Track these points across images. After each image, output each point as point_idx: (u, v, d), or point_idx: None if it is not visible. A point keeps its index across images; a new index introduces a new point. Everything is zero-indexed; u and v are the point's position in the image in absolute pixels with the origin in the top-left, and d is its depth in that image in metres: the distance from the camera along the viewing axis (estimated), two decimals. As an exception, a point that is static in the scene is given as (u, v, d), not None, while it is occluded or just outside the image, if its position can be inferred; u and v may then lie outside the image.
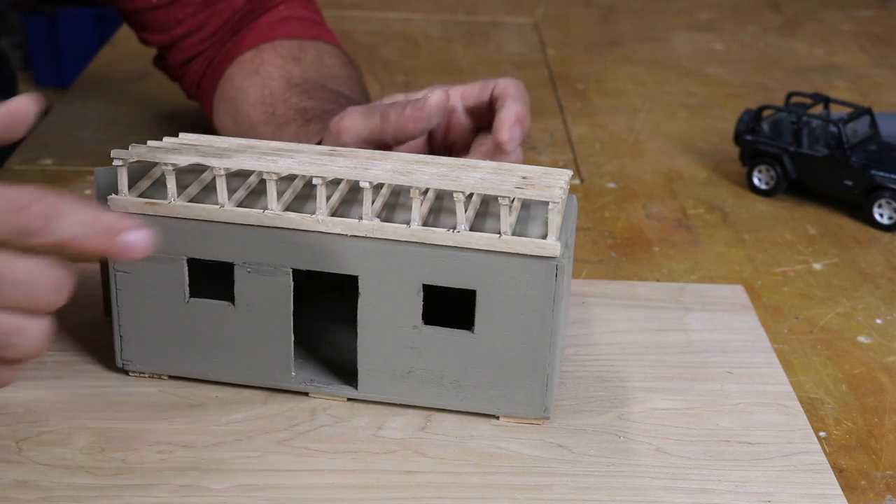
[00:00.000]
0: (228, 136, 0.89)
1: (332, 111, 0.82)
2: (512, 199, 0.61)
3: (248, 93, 0.88)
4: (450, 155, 0.76)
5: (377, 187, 0.63)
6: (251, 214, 0.61)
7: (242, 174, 0.65)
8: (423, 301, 0.61)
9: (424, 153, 0.77)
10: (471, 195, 0.62)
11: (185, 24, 0.95)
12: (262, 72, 0.89)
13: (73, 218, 0.52)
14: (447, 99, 0.70)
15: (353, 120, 0.73)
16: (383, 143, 0.72)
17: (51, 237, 0.52)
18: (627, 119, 1.16)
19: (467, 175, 0.61)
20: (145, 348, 0.65)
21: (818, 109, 0.99)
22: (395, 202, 0.63)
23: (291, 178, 0.64)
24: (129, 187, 0.62)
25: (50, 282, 0.52)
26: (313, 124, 0.82)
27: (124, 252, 0.53)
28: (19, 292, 0.51)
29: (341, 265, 0.61)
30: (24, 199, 0.51)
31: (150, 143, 0.64)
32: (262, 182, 0.63)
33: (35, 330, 0.53)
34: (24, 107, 0.54)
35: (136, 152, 0.62)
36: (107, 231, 0.52)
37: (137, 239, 0.53)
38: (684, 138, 1.12)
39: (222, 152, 0.63)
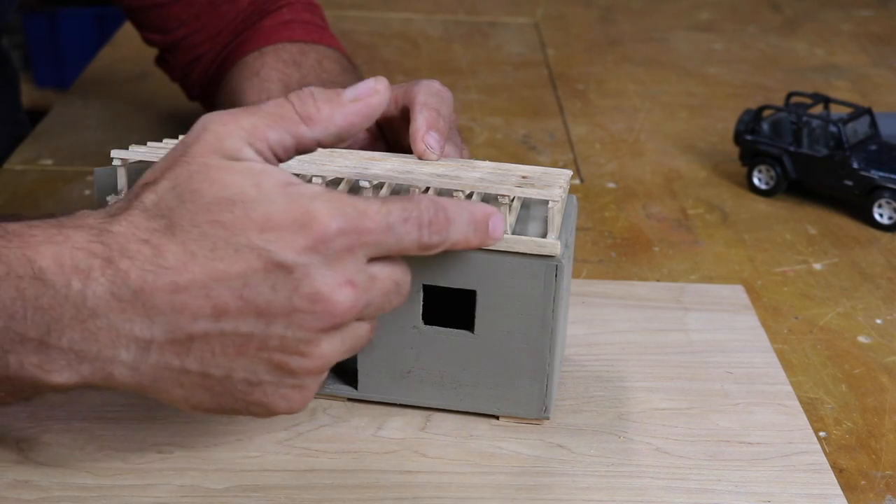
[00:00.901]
0: None
1: None
2: (512, 198, 0.61)
3: (246, 95, 0.88)
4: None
5: (377, 187, 0.63)
6: (251, 214, 0.61)
7: (242, 174, 0.65)
8: (423, 301, 0.61)
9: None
10: (471, 194, 0.62)
11: (187, 24, 0.95)
12: (262, 75, 0.89)
13: (460, 220, 0.52)
14: (384, 93, 0.68)
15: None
16: None
17: (446, 245, 0.52)
18: (627, 119, 1.16)
19: (467, 174, 0.61)
20: (145, 348, 0.65)
21: (818, 109, 0.99)
22: (395, 202, 0.63)
23: (291, 178, 0.64)
24: (129, 187, 0.62)
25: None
26: None
27: (491, 240, 0.54)
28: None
29: (341, 265, 0.61)
30: (427, 213, 0.51)
31: (150, 143, 0.64)
32: (262, 182, 0.63)
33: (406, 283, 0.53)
34: (379, 100, 0.54)
35: (136, 152, 0.62)
36: (482, 224, 0.53)
37: (499, 221, 0.54)
38: (684, 138, 1.12)
39: (222, 152, 0.63)
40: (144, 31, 0.99)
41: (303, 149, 0.53)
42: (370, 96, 0.53)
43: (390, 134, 0.73)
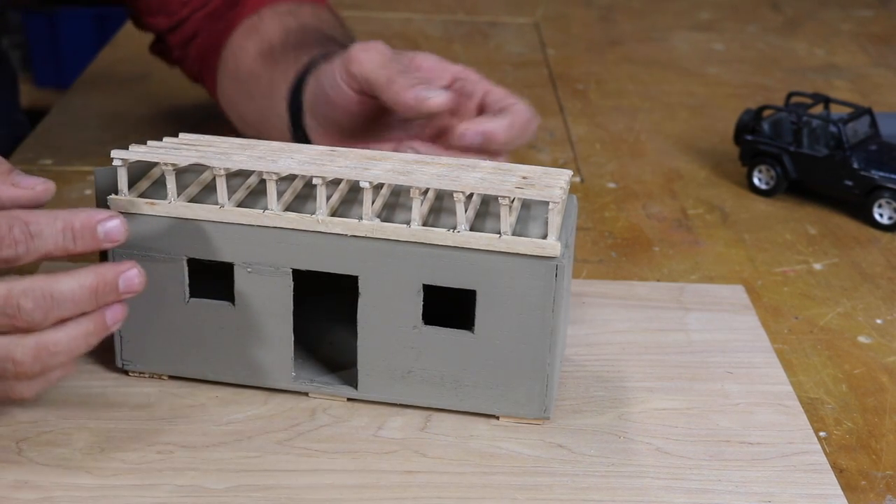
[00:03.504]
0: (234, 106, 0.89)
1: (331, 43, 0.83)
2: (512, 198, 0.61)
3: (248, 50, 0.88)
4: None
5: (377, 187, 0.63)
6: (251, 214, 0.61)
7: (242, 174, 0.65)
8: (423, 301, 0.61)
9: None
10: (471, 195, 0.62)
11: (189, 4, 0.95)
12: (262, 29, 0.89)
13: (49, 231, 0.55)
14: (449, 105, 0.68)
15: (371, 59, 0.71)
16: (374, 99, 0.72)
17: (34, 256, 0.55)
18: (627, 119, 1.16)
19: (467, 175, 0.61)
20: (145, 348, 0.65)
21: (818, 109, 0.99)
22: (395, 202, 0.63)
23: (291, 178, 0.64)
24: (129, 187, 0.62)
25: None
26: (316, 48, 0.82)
27: (107, 243, 0.56)
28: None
29: (341, 265, 0.61)
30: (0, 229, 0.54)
31: (150, 143, 0.64)
32: (262, 182, 0.63)
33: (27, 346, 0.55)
34: (31, 196, 0.58)
35: (136, 152, 0.62)
36: (83, 231, 0.55)
37: (113, 225, 0.56)
38: (684, 138, 1.12)
39: (222, 152, 0.63)
40: (146, 17, 0.99)
41: None
42: (25, 189, 0.58)
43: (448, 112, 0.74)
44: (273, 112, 0.82)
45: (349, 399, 0.65)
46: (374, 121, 0.75)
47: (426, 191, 0.62)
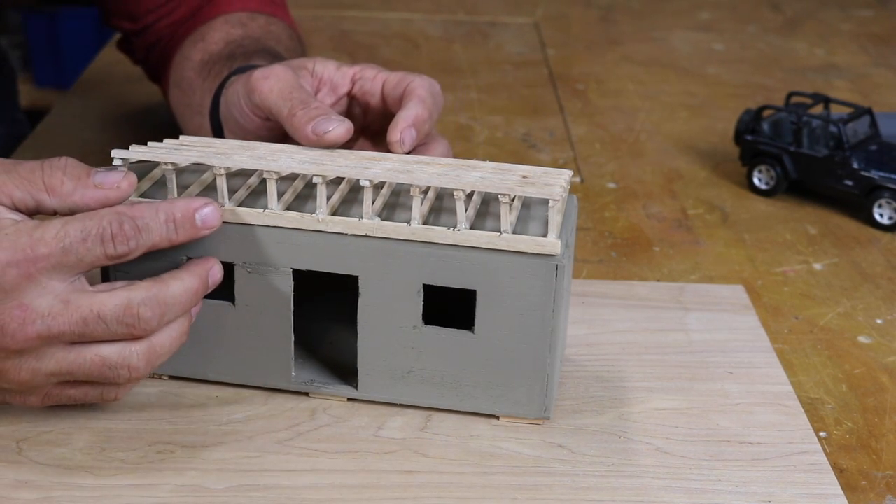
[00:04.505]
0: (178, 115, 0.89)
1: (259, 56, 0.82)
2: (512, 197, 0.61)
3: (192, 60, 0.88)
4: (363, 136, 0.76)
5: (377, 186, 0.63)
6: (251, 214, 0.61)
7: (243, 174, 0.65)
8: (423, 301, 0.61)
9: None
10: (471, 194, 0.62)
11: (155, 12, 0.96)
12: (207, 38, 0.89)
13: (154, 223, 0.57)
14: (347, 136, 0.66)
15: (271, 88, 0.69)
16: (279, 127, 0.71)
17: (143, 250, 0.57)
18: (627, 119, 1.16)
19: (467, 174, 0.61)
20: (145, 348, 0.65)
21: (818, 109, 0.99)
22: (395, 201, 0.63)
23: (292, 177, 0.64)
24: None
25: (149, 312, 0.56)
26: (238, 61, 0.81)
27: (205, 230, 0.58)
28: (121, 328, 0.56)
29: (341, 265, 0.61)
30: (109, 228, 0.55)
31: (150, 143, 0.64)
32: (263, 182, 0.63)
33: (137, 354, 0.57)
34: (118, 195, 0.58)
35: (137, 152, 0.62)
36: (184, 220, 0.57)
37: (209, 212, 0.58)
38: (684, 138, 1.12)
39: (222, 152, 0.63)
40: (112, 19, 1.00)
41: (43, 212, 0.58)
42: (111, 189, 0.58)
43: (360, 114, 0.74)
44: (204, 127, 0.81)
45: (349, 399, 0.65)
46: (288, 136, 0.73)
47: (426, 190, 0.62)
